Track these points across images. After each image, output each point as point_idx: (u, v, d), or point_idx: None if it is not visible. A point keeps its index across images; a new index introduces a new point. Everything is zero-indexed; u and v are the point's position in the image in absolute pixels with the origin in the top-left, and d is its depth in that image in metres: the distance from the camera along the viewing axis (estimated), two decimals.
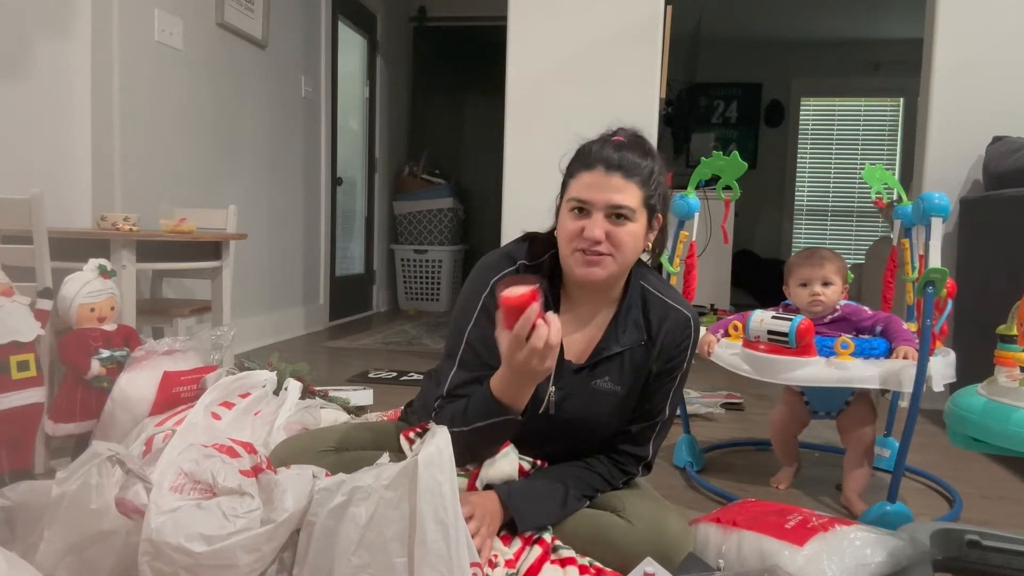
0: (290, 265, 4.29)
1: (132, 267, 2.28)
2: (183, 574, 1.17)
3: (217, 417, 1.68)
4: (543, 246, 1.43)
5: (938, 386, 1.67)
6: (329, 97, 4.65)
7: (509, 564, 1.28)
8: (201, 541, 1.17)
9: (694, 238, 2.20)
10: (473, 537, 1.20)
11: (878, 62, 6.87)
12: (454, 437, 1.30)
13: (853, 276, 2.07)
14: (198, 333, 2.11)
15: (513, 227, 3.11)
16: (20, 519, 1.34)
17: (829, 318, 1.92)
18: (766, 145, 7.28)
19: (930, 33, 3.09)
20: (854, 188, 7.23)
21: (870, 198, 2.18)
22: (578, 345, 1.41)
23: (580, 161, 1.35)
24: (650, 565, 1.25)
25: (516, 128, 3.24)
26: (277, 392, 1.94)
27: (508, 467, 1.38)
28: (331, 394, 2.55)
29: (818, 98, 7.25)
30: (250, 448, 1.35)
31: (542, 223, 1.46)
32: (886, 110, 7.16)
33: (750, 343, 1.85)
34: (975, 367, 1.67)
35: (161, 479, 1.26)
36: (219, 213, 2.79)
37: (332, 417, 2.11)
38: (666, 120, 6.15)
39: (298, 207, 4.35)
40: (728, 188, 2.18)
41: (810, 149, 7.33)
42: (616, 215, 1.30)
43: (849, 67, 6.96)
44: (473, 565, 1.14)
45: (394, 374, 3.32)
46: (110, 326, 1.96)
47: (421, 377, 3.02)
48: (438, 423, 1.35)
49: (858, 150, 7.24)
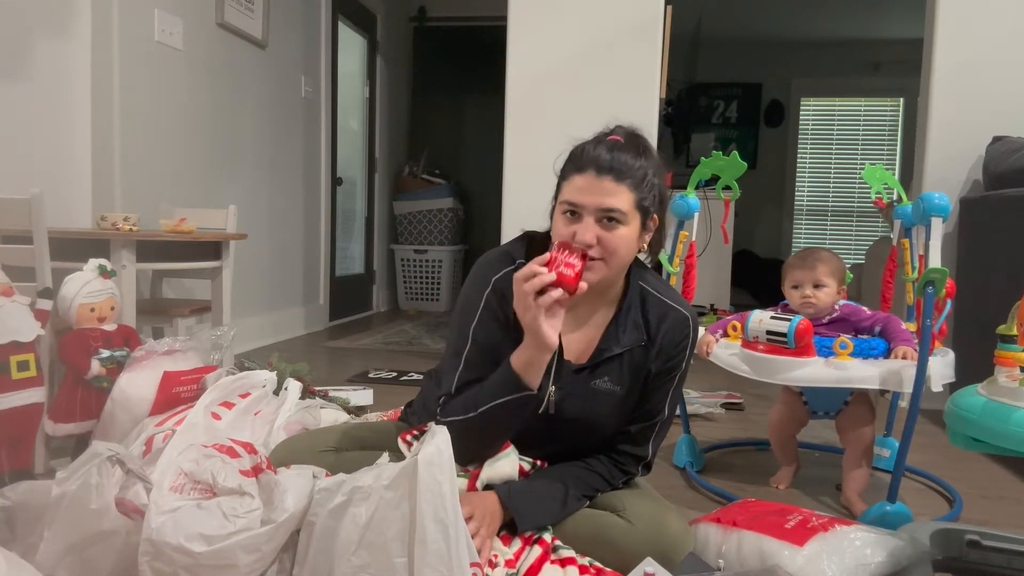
0: (290, 265, 4.29)
1: (132, 267, 2.28)
2: (183, 574, 1.17)
3: (217, 417, 1.68)
4: (541, 245, 1.42)
5: (937, 386, 1.67)
6: (329, 97, 4.65)
7: (509, 564, 1.28)
8: (201, 541, 1.17)
9: (694, 238, 2.20)
10: (473, 537, 1.20)
11: (878, 62, 6.87)
12: (464, 427, 1.30)
13: (852, 276, 2.07)
14: (198, 333, 2.11)
15: (513, 227, 3.09)
16: (20, 519, 1.34)
17: (828, 319, 1.91)
18: (766, 145, 7.28)
19: (930, 33, 3.09)
20: (854, 188, 7.23)
21: (870, 198, 2.18)
22: (578, 345, 1.41)
23: (572, 163, 1.34)
24: (650, 565, 1.25)
25: (516, 128, 3.24)
26: (277, 392, 1.94)
27: (508, 468, 1.38)
28: (331, 394, 2.55)
29: (818, 98, 7.25)
30: (250, 448, 1.35)
31: (542, 223, 1.46)
32: (886, 110, 7.16)
33: (749, 343, 1.85)
34: (975, 367, 1.67)
35: (161, 479, 1.26)
36: (219, 213, 2.79)
37: (332, 417, 2.11)
38: (666, 120, 6.15)
39: (298, 207, 4.35)
40: (728, 188, 2.18)
41: (810, 149, 7.33)
42: (607, 219, 1.29)
43: (849, 67, 6.96)
44: (473, 565, 1.14)
45: (394, 374, 3.32)
46: (110, 326, 1.96)
47: (421, 377, 3.03)
48: (445, 416, 1.35)
49: (858, 150, 7.24)
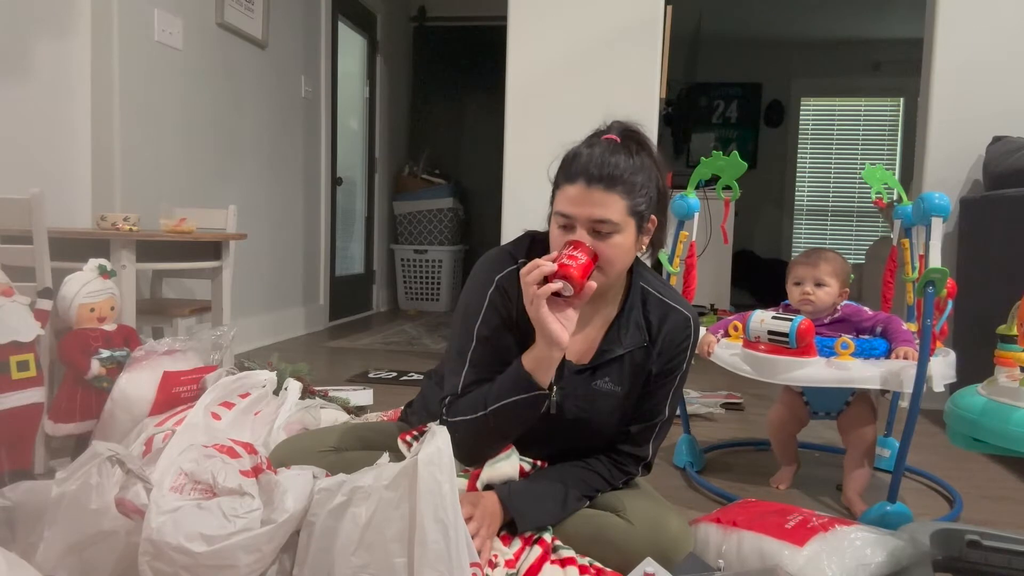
0: (290, 265, 4.28)
1: (132, 267, 2.28)
2: (183, 574, 1.17)
3: (217, 417, 1.68)
4: (543, 245, 1.42)
5: (938, 386, 1.67)
6: (329, 97, 4.64)
7: (509, 564, 1.27)
8: (201, 541, 1.17)
9: (694, 238, 2.20)
10: (473, 538, 1.20)
11: (878, 62, 6.87)
12: (472, 427, 1.30)
13: (853, 276, 2.07)
14: (198, 333, 2.11)
15: (513, 227, 3.11)
16: (20, 519, 1.34)
17: (829, 319, 1.91)
18: (766, 145, 7.28)
19: (930, 33, 3.09)
20: (854, 188, 7.23)
21: (870, 198, 2.18)
22: (579, 346, 1.41)
23: (563, 172, 1.33)
24: (650, 565, 1.24)
25: (516, 128, 3.24)
26: (277, 392, 1.94)
27: (509, 468, 1.38)
28: (331, 394, 2.55)
29: (818, 98, 7.25)
30: (250, 448, 1.35)
31: (542, 223, 1.45)
32: (886, 110, 7.16)
33: (750, 343, 1.85)
34: (975, 367, 1.67)
35: (161, 479, 1.26)
36: (219, 213, 2.79)
37: (332, 417, 2.10)
38: (666, 120, 6.16)
39: (298, 207, 4.35)
40: (728, 188, 2.18)
41: (810, 149, 7.33)
42: (600, 229, 1.28)
43: (849, 67, 6.96)
44: (473, 565, 1.14)
45: (394, 374, 3.32)
46: (110, 326, 1.96)
47: (421, 377, 3.03)
48: (452, 416, 1.35)
49: (858, 150, 7.24)
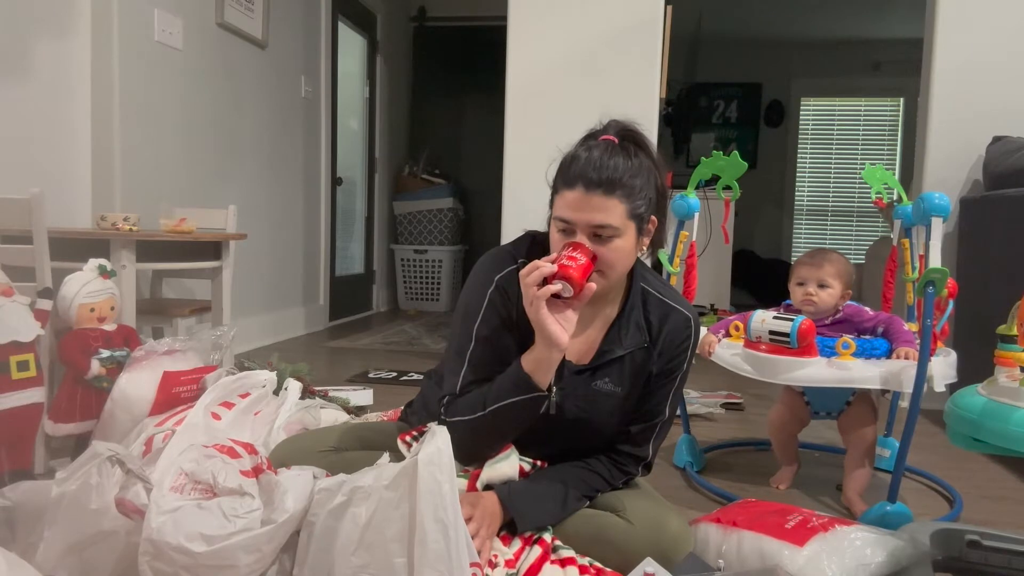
0: (290, 265, 4.28)
1: (132, 267, 2.28)
2: (183, 574, 1.17)
3: (217, 417, 1.68)
4: (543, 246, 1.42)
5: (939, 386, 1.67)
6: (329, 97, 4.64)
7: (509, 564, 1.27)
8: (201, 541, 1.17)
9: (694, 238, 2.20)
10: (473, 538, 1.20)
11: (878, 62, 6.87)
12: (471, 427, 1.30)
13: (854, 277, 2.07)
14: (198, 333, 2.11)
15: (513, 227, 3.11)
16: (20, 519, 1.34)
17: (830, 319, 1.91)
18: (766, 145, 7.28)
19: (930, 33, 3.09)
20: (854, 188, 7.23)
21: (870, 198, 2.18)
22: (579, 346, 1.41)
23: (561, 177, 1.32)
24: (650, 565, 1.24)
25: (516, 128, 3.24)
26: (277, 392, 1.94)
27: (509, 469, 1.38)
28: (331, 394, 2.55)
29: (818, 98, 7.24)
30: (251, 449, 1.35)
31: (542, 223, 1.45)
32: (886, 110, 7.16)
33: (751, 343, 1.85)
34: (975, 367, 1.67)
35: (162, 479, 1.26)
36: (219, 213, 2.79)
37: (332, 417, 2.10)
38: (666, 120, 6.15)
39: (298, 207, 4.35)
40: (728, 188, 2.18)
41: (810, 149, 7.33)
42: (600, 234, 1.27)
43: (849, 67, 6.96)
44: (473, 565, 1.14)
45: (394, 374, 3.32)
46: (110, 326, 1.96)
47: (421, 377, 3.03)
48: (450, 416, 1.35)
49: (858, 150, 7.24)
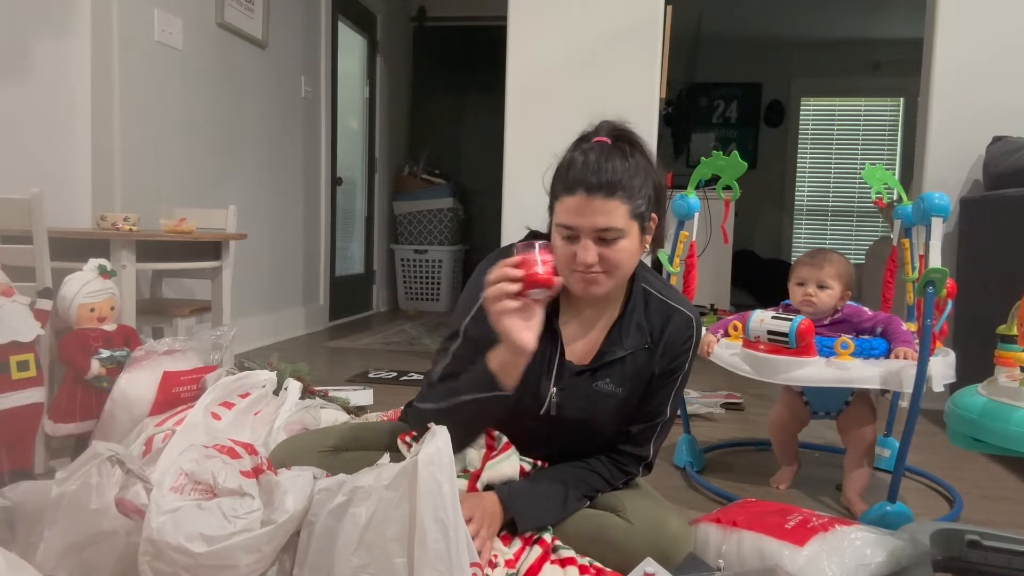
0: (290, 265, 4.28)
1: (132, 267, 2.28)
2: (183, 574, 1.17)
3: (217, 417, 1.68)
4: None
5: (938, 386, 1.67)
6: (329, 97, 4.64)
7: (509, 564, 1.28)
8: (201, 541, 1.17)
9: (694, 238, 2.20)
10: (473, 538, 1.20)
11: (878, 62, 6.87)
12: (435, 416, 1.29)
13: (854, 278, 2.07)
14: (198, 333, 2.11)
15: (513, 227, 3.11)
16: (20, 519, 1.34)
17: (829, 320, 1.91)
18: (766, 145, 7.28)
19: (930, 33, 3.09)
20: (854, 188, 7.22)
21: (870, 198, 2.18)
22: (580, 347, 1.41)
23: (560, 182, 1.31)
24: (650, 565, 1.25)
25: (516, 128, 3.24)
26: (277, 392, 1.94)
27: (509, 469, 1.38)
28: (331, 394, 2.55)
29: (818, 98, 7.24)
30: (251, 449, 1.35)
31: (542, 223, 1.45)
32: (886, 110, 7.16)
33: (750, 343, 1.85)
34: (975, 367, 1.67)
35: (162, 479, 1.26)
36: (219, 213, 2.79)
37: (332, 417, 2.11)
38: (666, 120, 6.16)
39: (298, 207, 4.35)
40: (728, 188, 2.17)
41: (810, 149, 7.32)
42: (605, 237, 1.27)
43: (849, 67, 6.95)
44: (473, 565, 1.14)
45: (394, 374, 3.32)
46: (110, 326, 1.96)
47: (421, 377, 3.02)
48: (421, 402, 1.37)
49: (858, 150, 7.24)
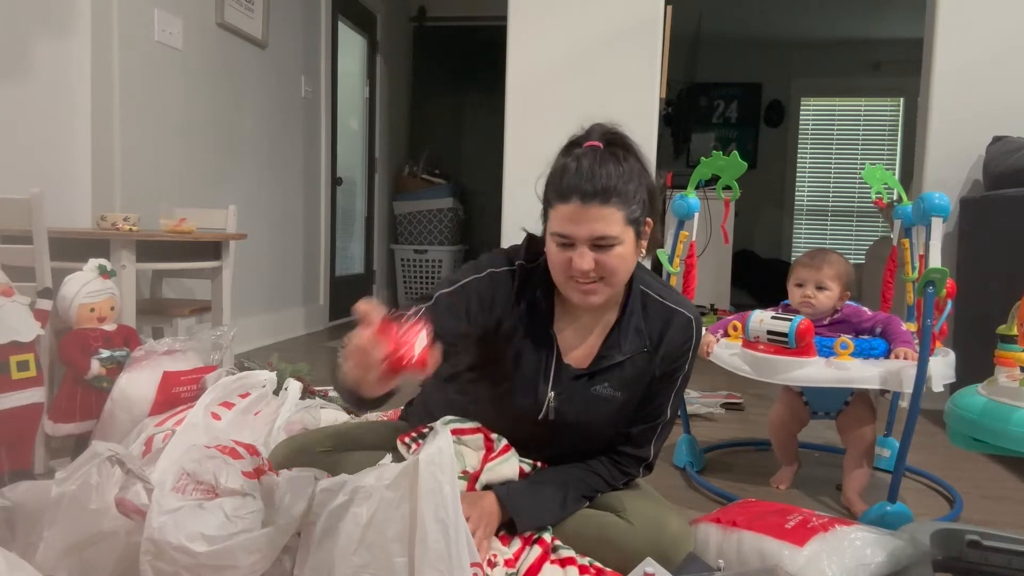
0: (290, 265, 4.28)
1: (132, 267, 2.28)
2: (184, 574, 1.17)
3: (217, 417, 1.68)
4: (539, 246, 1.40)
5: (938, 386, 1.67)
6: (329, 97, 4.64)
7: (509, 564, 1.28)
8: (203, 541, 1.17)
9: (694, 238, 2.20)
10: None
11: (878, 62, 6.87)
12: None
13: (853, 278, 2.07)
14: (198, 333, 2.11)
15: (513, 227, 3.10)
16: (20, 519, 1.34)
17: (829, 320, 1.91)
18: (766, 145, 7.28)
19: (930, 33, 3.09)
20: (854, 188, 7.22)
21: (870, 198, 2.18)
22: (579, 352, 1.41)
23: (554, 190, 1.29)
24: (650, 565, 1.25)
25: (516, 128, 3.24)
26: (277, 392, 1.94)
27: (508, 470, 1.38)
28: (331, 394, 2.55)
29: (818, 98, 7.24)
30: (252, 450, 1.35)
31: (541, 224, 1.45)
32: (886, 110, 7.16)
33: (749, 343, 1.85)
34: (975, 367, 1.67)
35: (163, 479, 1.26)
36: (219, 213, 2.79)
37: (332, 417, 2.10)
38: (666, 120, 6.16)
39: (298, 207, 4.35)
40: (728, 188, 2.17)
41: (810, 149, 7.32)
42: (601, 244, 1.26)
43: (849, 67, 6.95)
44: (474, 565, 1.14)
45: None
46: (110, 326, 1.96)
47: None
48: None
49: (858, 150, 7.24)
